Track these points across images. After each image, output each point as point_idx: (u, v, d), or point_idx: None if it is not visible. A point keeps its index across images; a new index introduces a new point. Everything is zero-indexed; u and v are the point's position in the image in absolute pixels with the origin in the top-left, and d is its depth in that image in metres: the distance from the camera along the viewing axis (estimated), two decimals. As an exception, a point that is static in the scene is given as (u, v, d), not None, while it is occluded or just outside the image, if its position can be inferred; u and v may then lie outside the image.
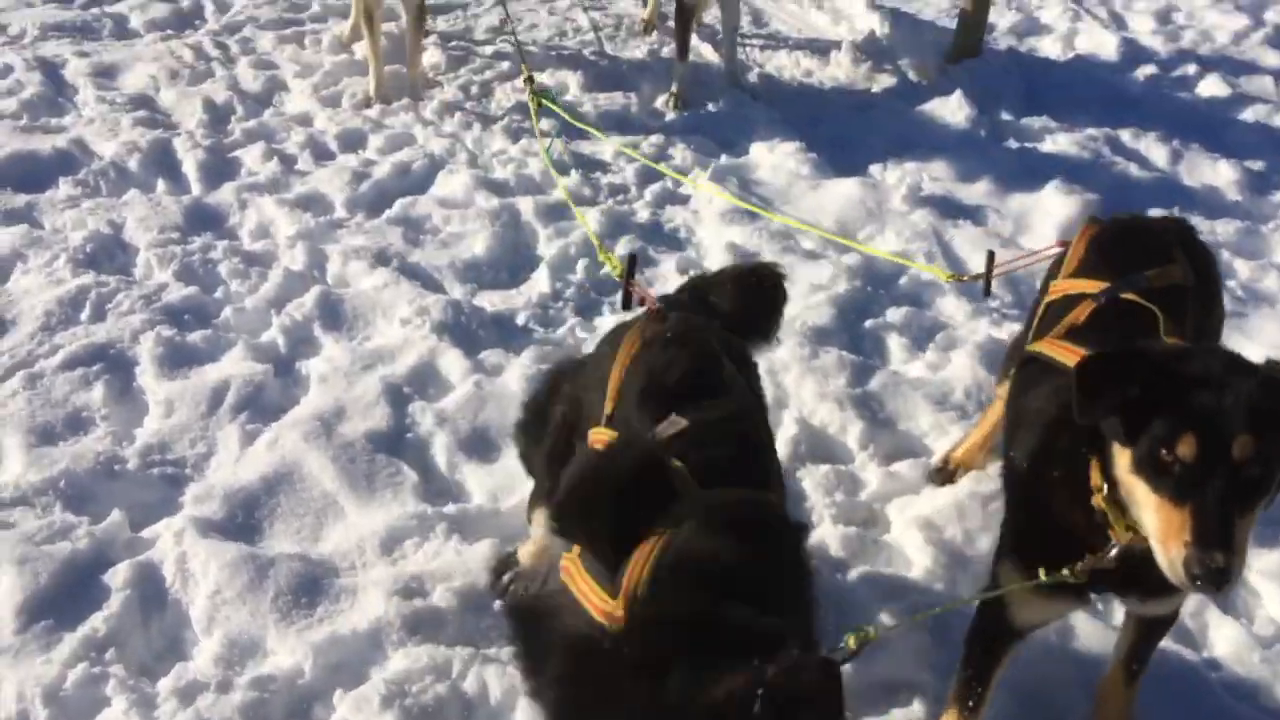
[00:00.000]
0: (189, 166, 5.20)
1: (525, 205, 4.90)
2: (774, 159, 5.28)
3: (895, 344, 4.00)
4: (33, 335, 3.98)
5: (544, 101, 5.09)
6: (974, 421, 3.50)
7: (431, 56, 6.45)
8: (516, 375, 3.79)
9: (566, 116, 5.21)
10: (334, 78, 6.18)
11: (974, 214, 4.77)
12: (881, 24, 6.85)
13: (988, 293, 3.15)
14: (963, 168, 5.08)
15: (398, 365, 3.88)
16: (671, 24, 6.99)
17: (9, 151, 5.13)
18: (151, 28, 6.77)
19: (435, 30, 6.81)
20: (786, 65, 6.62)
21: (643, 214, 4.94)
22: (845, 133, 5.66)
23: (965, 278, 3.21)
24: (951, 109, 5.64)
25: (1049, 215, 4.63)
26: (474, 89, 6.20)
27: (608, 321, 4.17)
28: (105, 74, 6.16)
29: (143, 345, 3.94)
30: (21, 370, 3.80)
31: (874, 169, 5.23)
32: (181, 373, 3.86)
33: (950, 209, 4.79)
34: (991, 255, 3.05)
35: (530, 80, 5.27)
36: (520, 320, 4.22)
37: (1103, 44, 6.51)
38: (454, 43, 6.77)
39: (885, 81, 6.24)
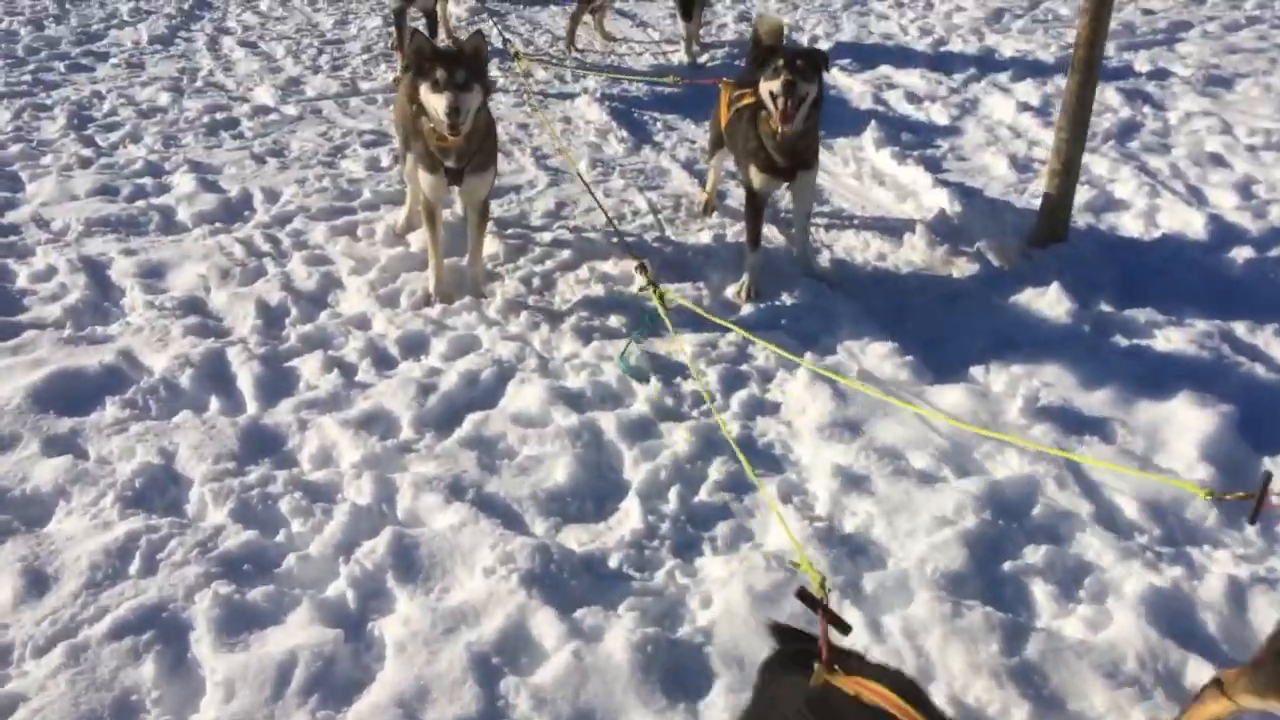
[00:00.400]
0: (244, 380, 4.87)
1: (606, 421, 4.53)
2: (868, 360, 4.93)
3: (1041, 593, 3.55)
4: (76, 595, 3.58)
5: (661, 296, 4.90)
6: (1156, 700, 3.03)
7: (489, 245, 6.21)
8: (620, 642, 3.35)
9: (674, 301, 4.88)
10: (390, 274, 5.93)
11: (1100, 428, 4.37)
12: (951, 202, 6.60)
13: (1254, 521, 2.69)
14: (1076, 372, 4.71)
15: (484, 628, 3.45)
16: (730, 203, 6.80)
17: (53, 370, 4.82)
18: (200, 220, 6.57)
19: (490, 216, 6.59)
20: (857, 247, 6.35)
21: (733, 426, 4.57)
22: (936, 328, 5.32)
23: (1231, 496, 2.76)
24: (1049, 302, 5.31)
25: (1185, 431, 4.23)
26: (535, 281, 5.93)
27: (710, 564, 3.76)
28: (153, 273, 5.93)
29: (198, 606, 3.53)
30: (64, 641, 3.38)
31: (977, 372, 4.87)
32: (242, 640, 3.43)
33: (1072, 422, 4.40)
34: (1268, 477, 2.60)
35: (643, 269, 5.11)
36: (613, 563, 3.80)
37: (1188, 222, 6.22)
38: (510, 230, 6.55)
39: (966, 267, 5.93)
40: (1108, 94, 8.46)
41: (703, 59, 9.95)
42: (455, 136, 5.06)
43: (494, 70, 9.65)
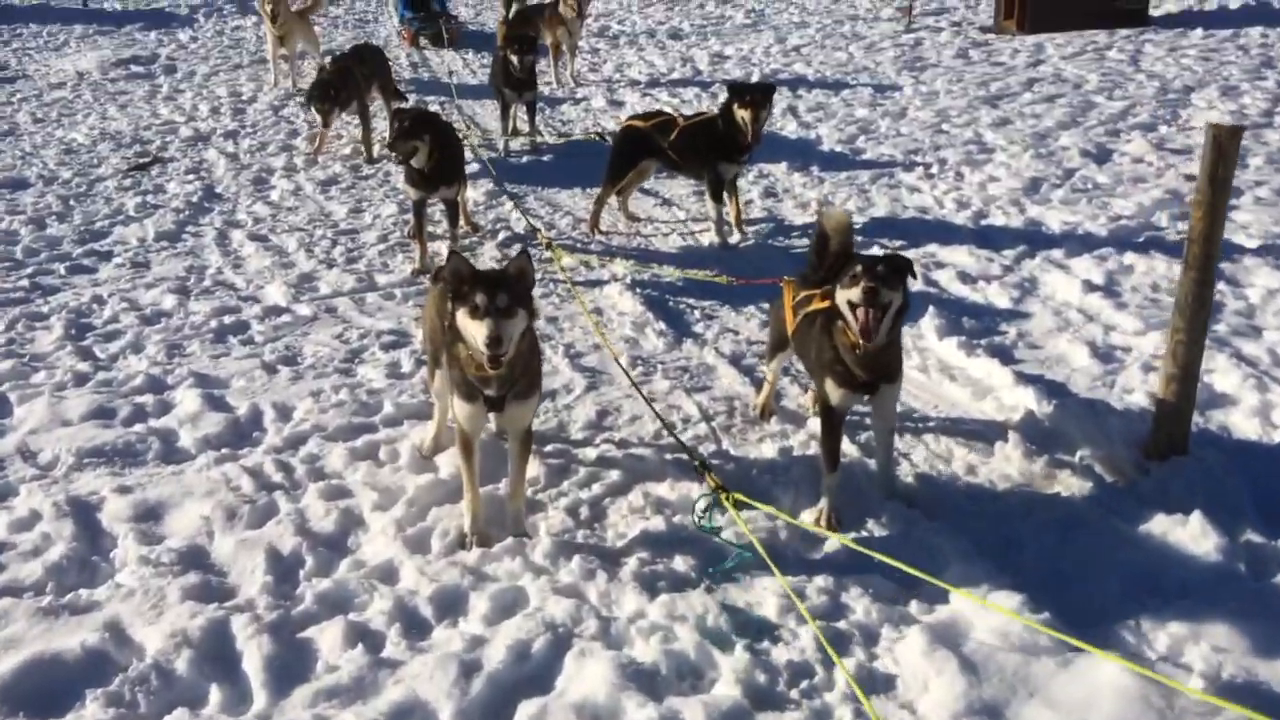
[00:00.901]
0: (250, 661, 4.11)
1: (691, 712, 3.74)
2: (992, 620, 4.15)
3: None
4: None
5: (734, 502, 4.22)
6: None
7: (528, 468, 5.52)
8: None
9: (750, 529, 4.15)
10: (419, 508, 5.22)
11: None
12: (1039, 402, 5.94)
13: None
14: (1251, 631, 3.94)
15: None
16: (787, 404, 6.15)
17: (27, 656, 4.08)
18: (204, 446, 5.90)
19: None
20: (939, 457, 5.66)
21: (843, 713, 3.77)
22: (1058, 564, 4.59)
23: None
24: (1192, 534, 4.57)
25: None
26: (583, 511, 5.22)
27: None
28: (150, 515, 5.23)
29: None
30: None
31: (1127, 633, 4.10)
32: None
33: (1271, 704, 3.61)
34: None
35: (722, 489, 4.53)
36: None
37: (1311, 418, 5.55)
38: (549, 446, 5.87)
39: (1074, 483, 5.23)
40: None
41: (734, 239, 9.50)
42: (497, 368, 4.45)
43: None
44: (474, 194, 10.88)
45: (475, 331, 4.40)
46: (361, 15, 23.76)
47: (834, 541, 4.86)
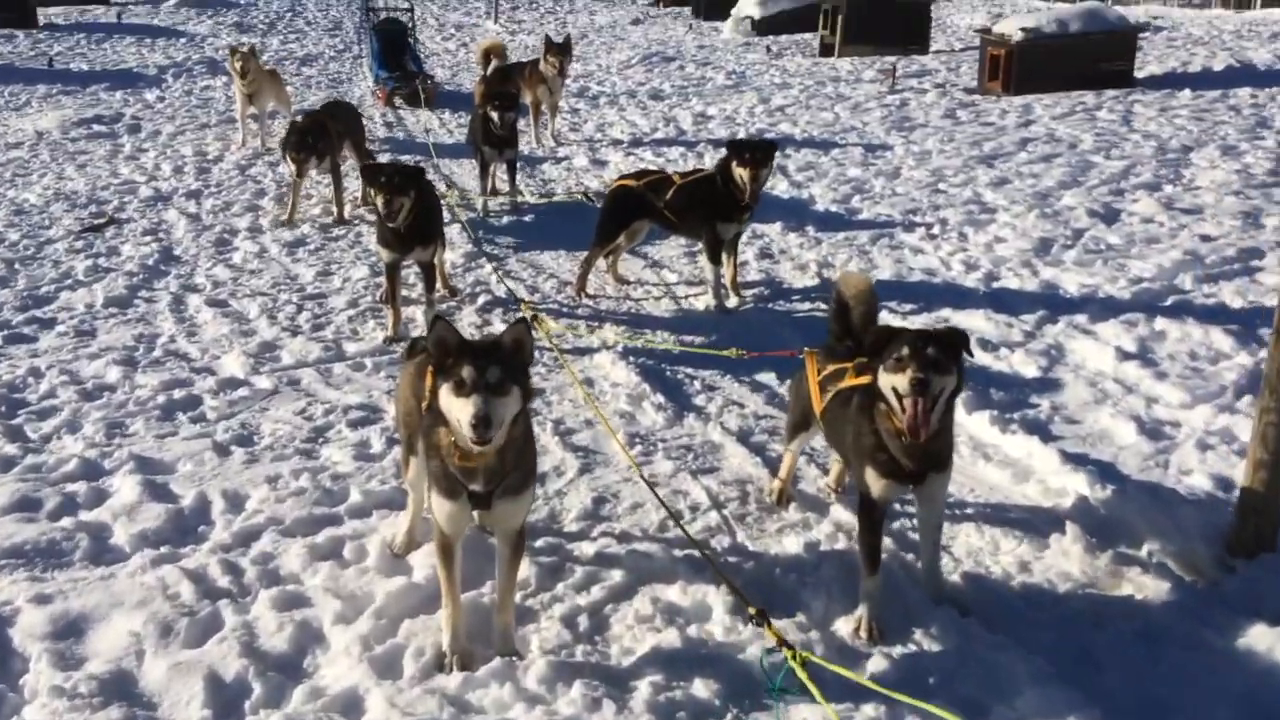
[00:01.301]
0: (178, 831, 3.31)
1: None
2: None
3: None
4: None
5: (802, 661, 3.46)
6: None
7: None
8: None
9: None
10: (389, 620, 4.46)
11: None
12: (1092, 487, 5.28)
13: None
14: None
15: None
16: (805, 489, 5.45)
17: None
18: (140, 544, 5.12)
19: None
20: (985, 551, 4.97)
21: None
22: (1155, 692, 3.90)
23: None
24: (1306, 652, 3.88)
25: None
26: (582, 622, 4.48)
27: None
28: (70, 632, 4.44)
29: None
30: None
31: (1255, 781, 3.38)
32: None
33: None
34: None
35: (788, 648, 3.75)
36: None
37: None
38: (541, 541, 5.12)
39: (1148, 584, 4.56)
40: (1214, 336, 7.35)
41: (732, 303, 8.86)
42: (482, 447, 3.73)
43: (498, 319, 8.49)
44: (451, 256, 10.20)
45: (460, 411, 3.69)
46: (335, 75, 23.26)
47: (878, 657, 4.13)
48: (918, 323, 8.06)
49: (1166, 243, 9.86)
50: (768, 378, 7.31)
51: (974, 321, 8.04)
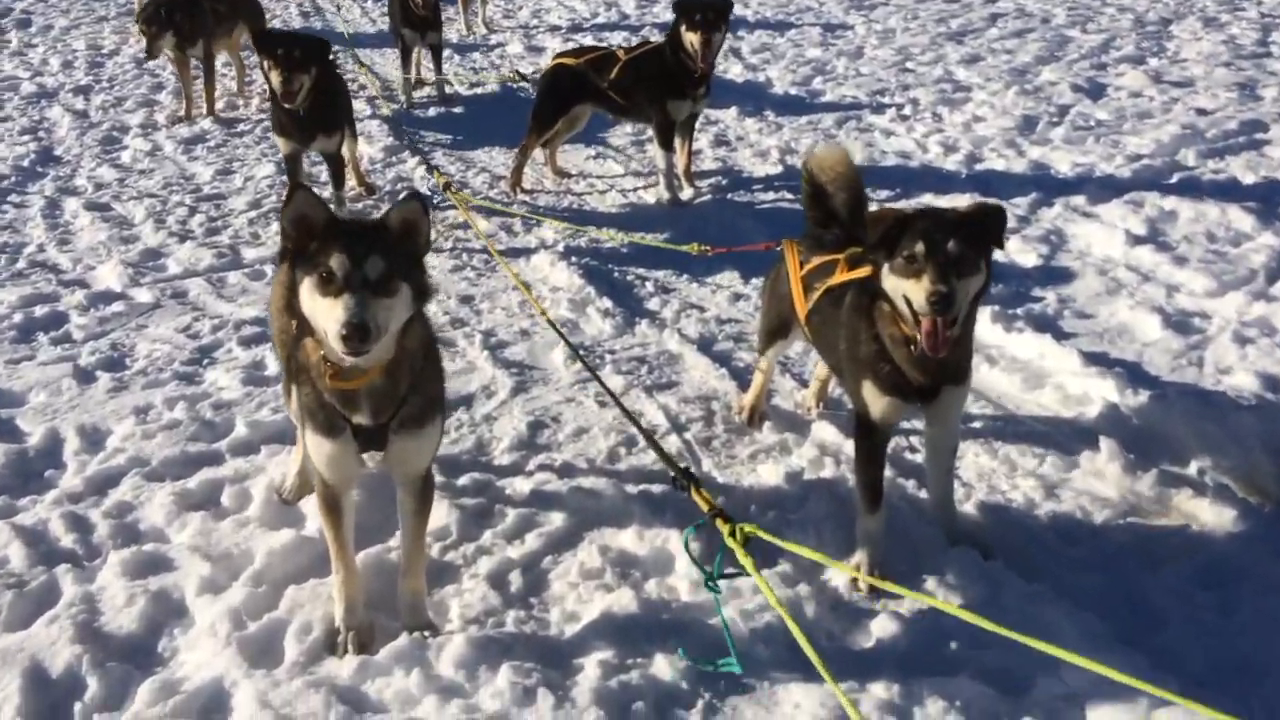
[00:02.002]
0: None
1: None
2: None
3: None
4: None
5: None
6: None
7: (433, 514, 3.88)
8: None
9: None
10: (270, 589, 3.55)
11: None
12: (1122, 393, 4.44)
13: None
14: None
15: None
16: (783, 401, 4.59)
17: None
18: (-35, 499, 4.12)
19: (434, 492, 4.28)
20: (999, 474, 4.14)
21: None
22: (1238, 649, 3.08)
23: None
24: None
25: None
26: (514, 581, 3.62)
27: None
28: None
29: None
30: None
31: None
32: None
33: None
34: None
35: (721, 516, 2.79)
36: None
37: None
38: (463, 479, 4.21)
39: (1204, 511, 3.75)
40: (1231, 214, 6.51)
41: (686, 195, 7.87)
42: (356, 359, 2.76)
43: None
44: (370, 150, 9.07)
45: (328, 315, 2.72)
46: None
47: (884, 618, 3.29)
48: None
49: (1160, 117, 8.99)
50: (730, 278, 6.37)
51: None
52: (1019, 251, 6.32)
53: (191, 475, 4.26)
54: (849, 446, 4.25)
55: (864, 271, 3.60)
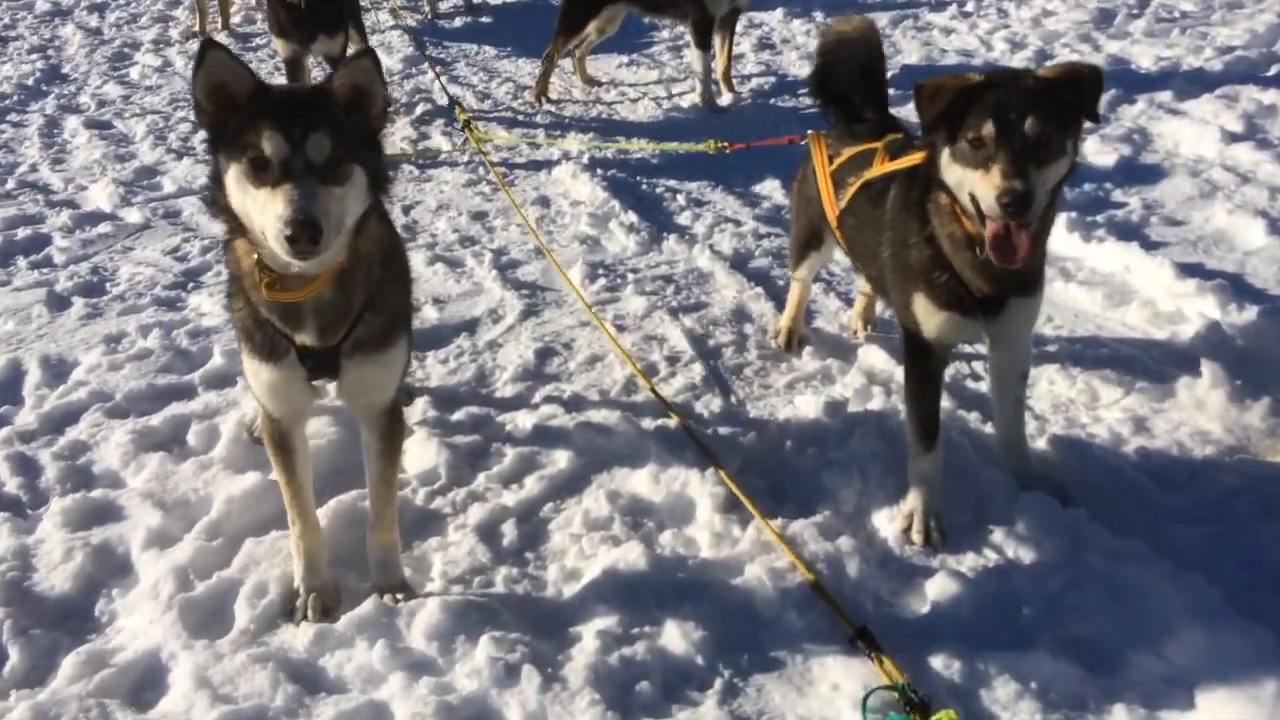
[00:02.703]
0: None
1: None
2: None
3: None
4: None
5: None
6: None
7: (419, 451, 3.39)
8: None
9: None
10: (226, 542, 3.08)
11: None
12: (1225, 310, 3.81)
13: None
14: None
15: None
16: (827, 324, 4.02)
17: None
18: (-90, 437, 3.70)
19: (406, 429, 3.78)
20: (1081, 404, 3.54)
21: None
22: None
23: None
24: None
25: None
26: (507, 534, 3.11)
27: None
28: None
29: None
30: None
31: None
32: None
33: None
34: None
35: (883, 667, 2.42)
36: None
37: None
38: (459, 413, 3.69)
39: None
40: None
41: (725, 101, 7.20)
42: (304, 262, 2.23)
43: (437, 132, 6.87)
44: (388, 60, 8.48)
45: (263, 210, 2.20)
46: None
47: (943, 577, 2.73)
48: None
49: (1252, 6, 8.11)
50: (770, 187, 5.77)
51: (1029, 107, 6.39)
52: (1097, 152, 5.60)
53: (158, 411, 3.80)
54: (900, 373, 3.69)
55: (912, 159, 2.98)
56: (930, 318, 2.84)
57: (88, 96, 8.04)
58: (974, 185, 2.58)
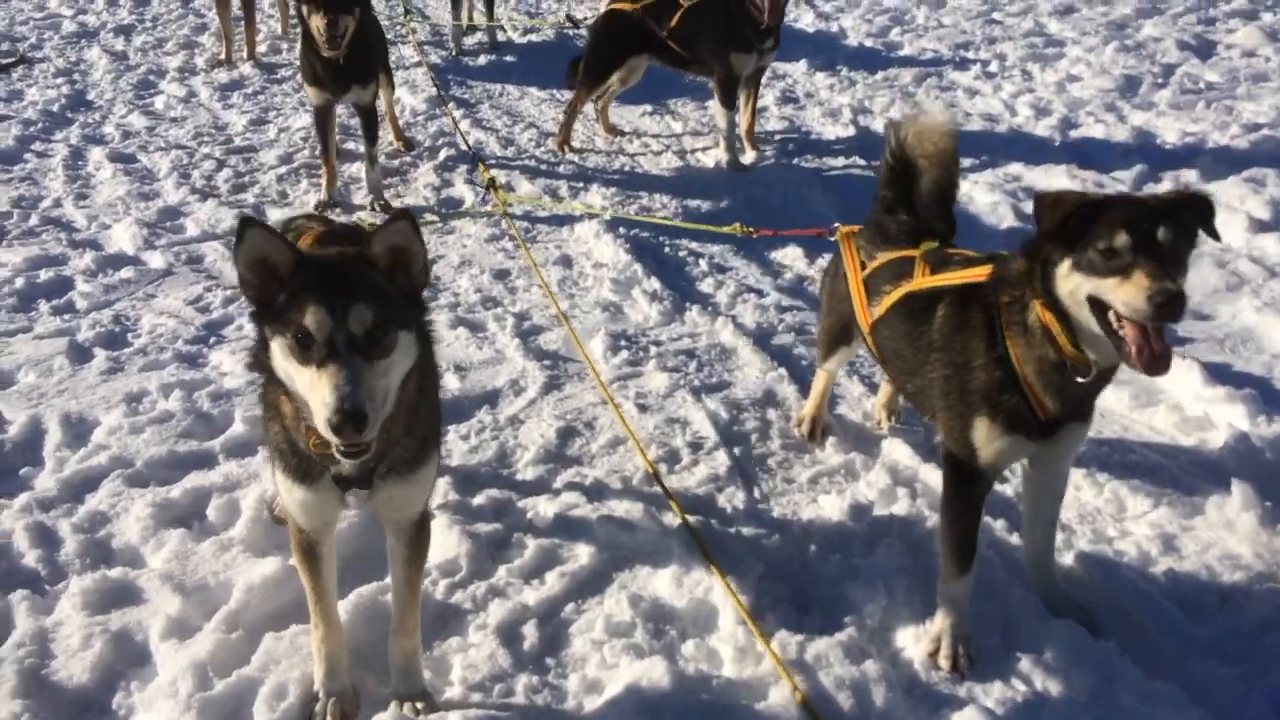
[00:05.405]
0: None
1: None
2: None
3: None
4: None
5: None
6: None
7: (440, 543, 3.36)
8: None
9: None
10: (245, 636, 3.06)
11: None
12: (1255, 420, 3.81)
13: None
14: None
15: None
16: (846, 414, 4.00)
17: None
18: (-72, 500, 3.68)
19: (429, 537, 3.76)
20: (1108, 515, 3.51)
21: None
22: None
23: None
24: None
25: None
26: (528, 635, 3.08)
27: None
28: None
29: None
30: None
31: None
32: None
33: None
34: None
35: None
36: None
37: None
38: (479, 496, 3.67)
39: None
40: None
41: (748, 159, 7.20)
42: (355, 454, 2.22)
43: (460, 180, 6.88)
44: (412, 100, 8.52)
45: (312, 392, 2.18)
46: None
47: (973, 711, 2.70)
48: (984, 183, 6.42)
49: (1277, 80, 8.10)
50: (792, 256, 5.77)
51: (1055, 180, 6.39)
52: (1123, 236, 5.58)
53: (177, 481, 3.79)
54: (925, 472, 3.69)
55: (965, 275, 2.97)
56: (991, 442, 2.80)
57: (112, 126, 8.06)
58: (1108, 292, 2.51)
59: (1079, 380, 2.69)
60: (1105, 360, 2.66)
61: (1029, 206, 5.98)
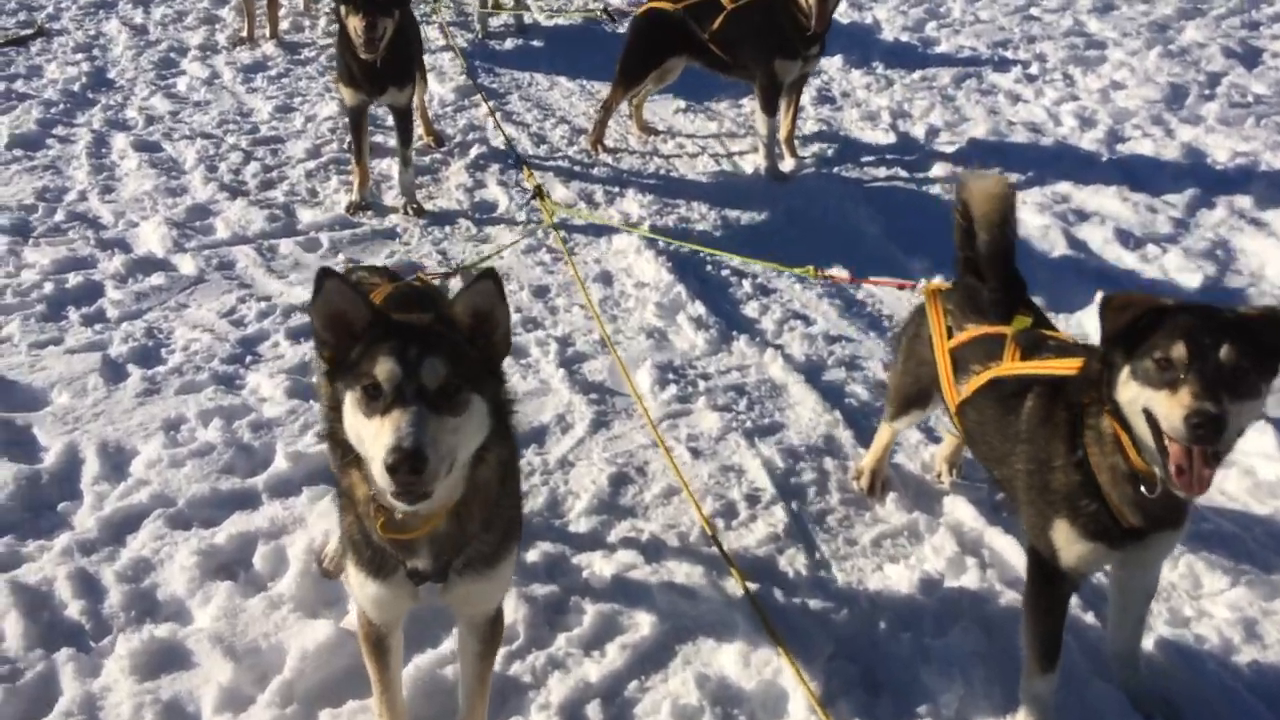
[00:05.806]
0: None
1: None
2: None
3: None
4: None
5: None
6: None
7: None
8: None
9: None
10: (300, 710, 2.95)
11: None
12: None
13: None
14: None
15: None
16: (906, 464, 3.89)
17: None
18: (-35, 540, 3.58)
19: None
20: (1184, 594, 3.42)
21: None
22: None
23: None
24: None
25: None
26: (590, 716, 2.96)
27: None
28: None
29: None
30: None
31: None
32: None
33: None
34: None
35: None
36: None
37: None
38: (533, 553, 3.57)
39: None
40: None
41: (788, 166, 7.03)
42: (412, 504, 2.09)
43: (493, 180, 6.72)
44: (441, 89, 8.32)
45: (374, 440, 2.05)
46: None
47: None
48: (1033, 202, 6.26)
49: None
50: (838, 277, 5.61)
51: (1105, 203, 6.25)
52: (1179, 269, 5.47)
53: (221, 521, 3.69)
54: (991, 537, 3.60)
55: (1054, 365, 2.84)
56: (1071, 547, 2.69)
57: (134, 110, 7.86)
58: (1155, 405, 2.41)
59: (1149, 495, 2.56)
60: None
61: (1081, 232, 5.87)
